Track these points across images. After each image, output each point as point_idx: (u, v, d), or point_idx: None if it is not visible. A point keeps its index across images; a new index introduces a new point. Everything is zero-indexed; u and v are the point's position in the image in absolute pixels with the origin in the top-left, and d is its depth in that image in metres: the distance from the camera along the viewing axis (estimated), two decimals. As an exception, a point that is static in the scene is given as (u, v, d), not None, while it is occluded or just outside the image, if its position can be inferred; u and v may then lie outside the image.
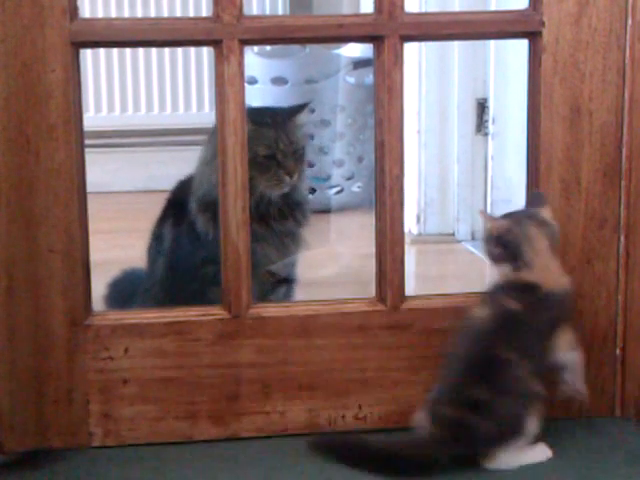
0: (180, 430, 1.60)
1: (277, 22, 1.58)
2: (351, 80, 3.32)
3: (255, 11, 3.67)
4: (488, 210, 2.88)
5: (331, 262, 2.69)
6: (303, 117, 1.92)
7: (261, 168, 1.80)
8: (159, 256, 1.91)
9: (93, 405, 1.57)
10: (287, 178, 1.85)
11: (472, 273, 2.68)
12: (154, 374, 1.58)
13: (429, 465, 1.44)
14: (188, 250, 1.86)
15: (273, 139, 1.84)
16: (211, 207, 1.80)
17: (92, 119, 3.62)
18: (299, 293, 1.97)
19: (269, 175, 1.83)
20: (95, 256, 1.60)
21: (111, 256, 2.16)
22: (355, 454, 1.48)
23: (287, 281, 1.93)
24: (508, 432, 1.45)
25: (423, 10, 2.79)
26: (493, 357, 1.46)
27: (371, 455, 1.47)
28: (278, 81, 3.26)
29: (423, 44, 2.84)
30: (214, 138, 1.82)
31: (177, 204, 1.89)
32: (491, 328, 1.48)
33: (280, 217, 1.87)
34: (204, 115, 3.63)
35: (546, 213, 1.54)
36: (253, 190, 1.72)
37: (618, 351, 1.65)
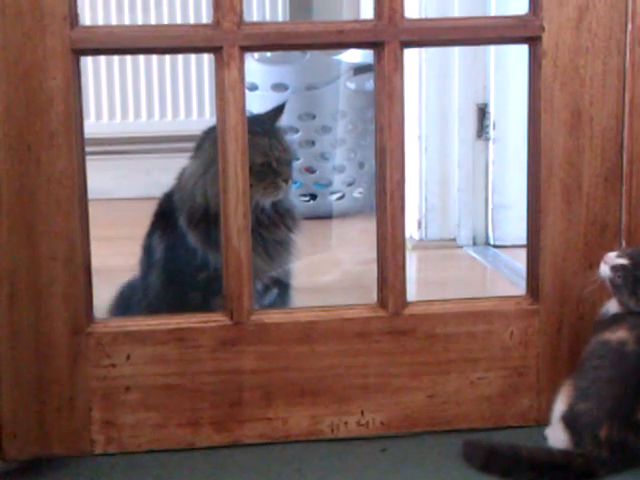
0: (182, 437, 1.60)
1: (277, 28, 1.58)
2: (352, 86, 3.32)
3: (255, 18, 3.68)
4: (489, 216, 2.88)
5: (332, 268, 2.68)
6: (282, 119, 1.94)
7: (258, 176, 1.81)
8: (152, 269, 1.91)
9: (95, 412, 1.57)
10: (283, 184, 1.87)
11: (473, 278, 2.68)
12: (156, 381, 1.58)
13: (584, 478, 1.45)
14: (181, 263, 1.86)
15: (268, 147, 1.85)
16: (203, 222, 1.82)
17: (93, 126, 3.62)
18: (301, 299, 1.97)
19: (266, 183, 1.84)
20: (96, 263, 1.60)
21: (112, 263, 2.16)
22: (506, 462, 1.47)
23: (279, 284, 1.93)
24: None
25: (423, 16, 2.80)
26: None
27: (523, 464, 1.46)
28: (279, 87, 3.26)
29: (423, 50, 2.84)
30: (205, 150, 1.83)
31: (166, 217, 1.90)
32: None
33: (272, 225, 1.88)
34: (205, 122, 3.62)
35: None
36: (250, 199, 1.72)
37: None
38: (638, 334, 1.49)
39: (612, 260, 1.53)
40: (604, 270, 1.54)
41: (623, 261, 1.53)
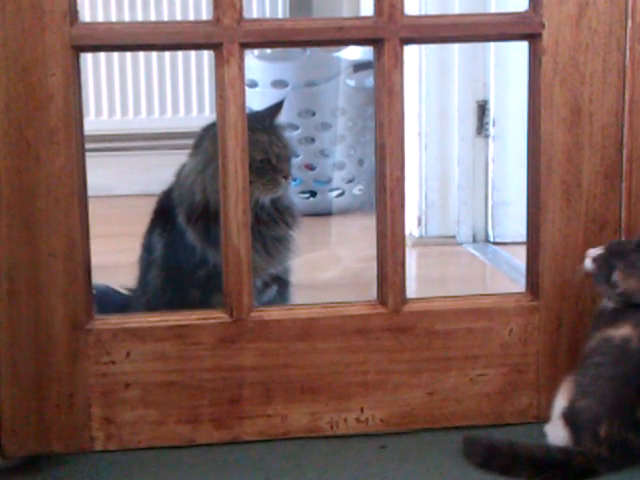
0: (182, 434, 1.60)
1: (277, 25, 1.58)
2: (351, 83, 3.32)
3: (255, 14, 3.67)
4: (489, 213, 2.88)
5: (332, 265, 2.69)
6: (281, 116, 1.95)
7: (257, 173, 1.81)
8: (152, 266, 1.91)
9: (95, 409, 1.57)
10: (283, 181, 1.87)
11: (473, 275, 2.68)
12: (156, 378, 1.58)
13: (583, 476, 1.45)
14: (181, 260, 1.86)
15: (267, 143, 1.85)
16: (202, 219, 1.82)
17: (93, 123, 3.62)
18: (300, 296, 1.97)
19: (266, 179, 1.84)
20: (96, 260, 1.60)
21: (112, 260, 2.16)
22: (505, 459, 1.48)
23: (279, 281, 1.93)
24: None
25: (423, 13, 2.79)
26: None
27: (523, 461, 1.46)
28: (278, 84, 3.26)
29: (423, 46, 2.84)
30: (204, 147, 1.84)
31: (165, 214, 1.90)
32: None
33: (271, 222, 1.88)
34: (205, 118, 3.62)
35: None
36: (249, 196, 1.73)
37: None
38: None
39: (593, 253, 1.56)
40: (587, 263, 1.56)
41: (600, 251, 1.55)
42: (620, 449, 1.45)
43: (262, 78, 3.23)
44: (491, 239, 2.88)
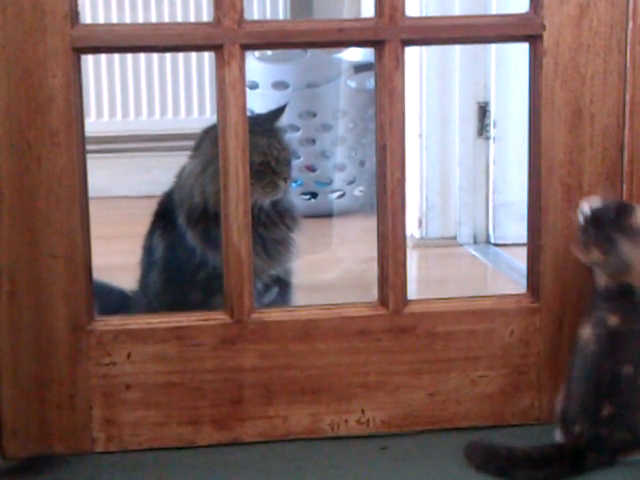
0: (183, 435, 1.60)
1: (278, 27, 1.58)
2: (352, 84, 3.32)
3: (256, 16, 3.67)
4: (490, 214, 2.88)
5: (333, 266, 2.68)
6: (283, 120, 1.95)
7: (256, 175, 1.81)
8: (152, 268, 1.92)
9: (96, 410, 1.57)
10: (282, 183, 1.87)
11: (474, 277, 2.68)
12: (157, 379, 1.58)
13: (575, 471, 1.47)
14: (181, 262, 1.87)
15: (266, 146, 1.85)
16: (201, 220, 1.82)
17: (93, 124, 3.62)
18: (301, 298, 1.97)
19: (264, 182, 1.84)
20: (97, 261, 1.60)
21: (113, 261, 2.16)
22: (502, 462, 1.48)
23: (280, 283, 1.93)
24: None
25: (424, 14, 2.80)
26: (613, 375, 1.47)
27: (519, 463, 1.47)
28: (279, 86, 3.26)
29: (424, 48, 2.84)
30: (204, 149, 1.84)
31: (166, 216, 1.90)
32: (600, 350, 1.48)
33: (271, 224, 1.89)
34: (205, 120, 3.62)
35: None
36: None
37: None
38: (598, 333, 1.49)
39: (585, 208, 1.52)
40: (580, 217, 1.53)
41: (587, 211, 1.51)
42: (597, 444, 1.46)
43: (263, 79, 3.23)
44: (492, 240, 2.88)
